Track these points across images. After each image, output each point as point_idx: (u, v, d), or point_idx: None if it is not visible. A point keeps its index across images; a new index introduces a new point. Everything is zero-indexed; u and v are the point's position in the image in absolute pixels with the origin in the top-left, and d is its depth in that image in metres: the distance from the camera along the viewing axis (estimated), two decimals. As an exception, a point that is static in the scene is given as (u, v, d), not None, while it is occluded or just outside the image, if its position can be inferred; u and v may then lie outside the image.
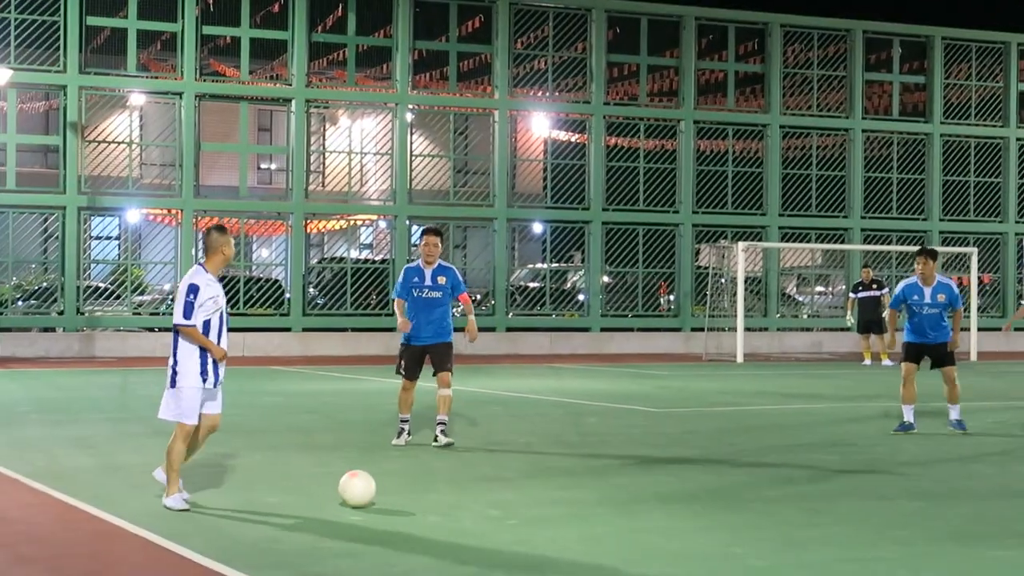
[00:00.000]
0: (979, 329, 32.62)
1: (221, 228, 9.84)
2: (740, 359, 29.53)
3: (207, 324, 9.61)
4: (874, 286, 29.28)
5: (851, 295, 29.34)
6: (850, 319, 29.37)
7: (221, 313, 9.69)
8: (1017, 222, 37.13)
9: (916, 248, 17.60)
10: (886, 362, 28.53)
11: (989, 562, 8.12)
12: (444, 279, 13.23)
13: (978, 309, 33.27)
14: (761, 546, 8.51)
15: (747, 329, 30.84)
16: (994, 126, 37.21)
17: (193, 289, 9.56)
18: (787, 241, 34.72)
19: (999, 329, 36.32)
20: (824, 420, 16.42)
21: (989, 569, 7.96)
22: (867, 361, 28.48)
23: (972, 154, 37.03)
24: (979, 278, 32.73)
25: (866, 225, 35.85)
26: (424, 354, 13.25)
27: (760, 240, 34.10)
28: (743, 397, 20.26)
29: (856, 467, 12.34)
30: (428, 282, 13.18)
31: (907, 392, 15.08)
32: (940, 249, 35.20)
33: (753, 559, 8.11)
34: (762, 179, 35.30)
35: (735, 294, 30.64)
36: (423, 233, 13.45)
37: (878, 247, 34.44)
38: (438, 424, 13.25)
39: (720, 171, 35.12)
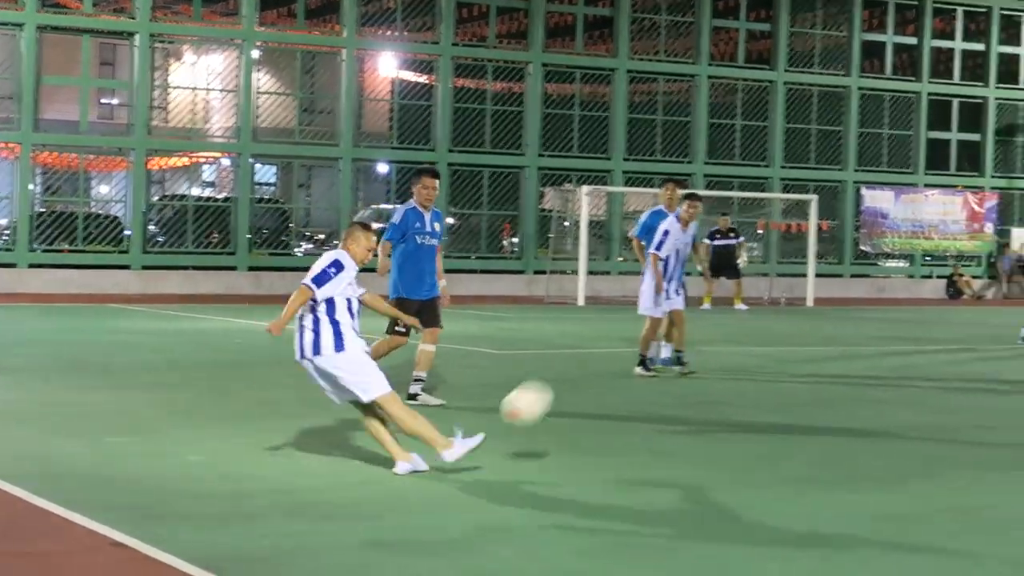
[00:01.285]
0: (817, 275, 33.46)
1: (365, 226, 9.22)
2: (581, 302, 29.87)
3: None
4: (731, 234, 29.87)
5: (706, 241, 29.59)
6: (702, 264, 29.50)
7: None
8: (856, 170, 38.05)
9: (759, 194, 17.94)
10: (739, 306, 29.22)
11: (838, 504, 8.35)
12: (439, 225, 12.24)
13: (816, 255, 34.10)
14: (605, 488, 8.69)
15: (590, 273, 31.17)
16: (837, 75, 37.99)
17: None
18: (632, 186, 35.12)
19: (839, 276, 37.36)
20: (695, 364, 16.56)
21: (838, 510, 8.18)
22: (706, 306, 28.90)
23: (815, 102, 37.81)
24: (818, 225, 33.48)
25: (709, 171, 36.40)
26: (419, 308, 11.95)
27: (605, 184, 34.45)
28: (583, 340, 20.55)
29: (698, 413, 12.65)
30: (428, 228, 12.09)
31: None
32: (781, 196, 36.06)
33: (605, 497, 8.29)
34: (608, 123, 35.62)
35: (578, 237, 30.96)
36: (421, 174, 12.20)
37: (719, 192, 35.03)
38: (419, 382, 12.23)
39: (567, 115, 35.35)
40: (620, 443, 10.58)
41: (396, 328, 11.94)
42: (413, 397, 12.10)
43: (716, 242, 29.38)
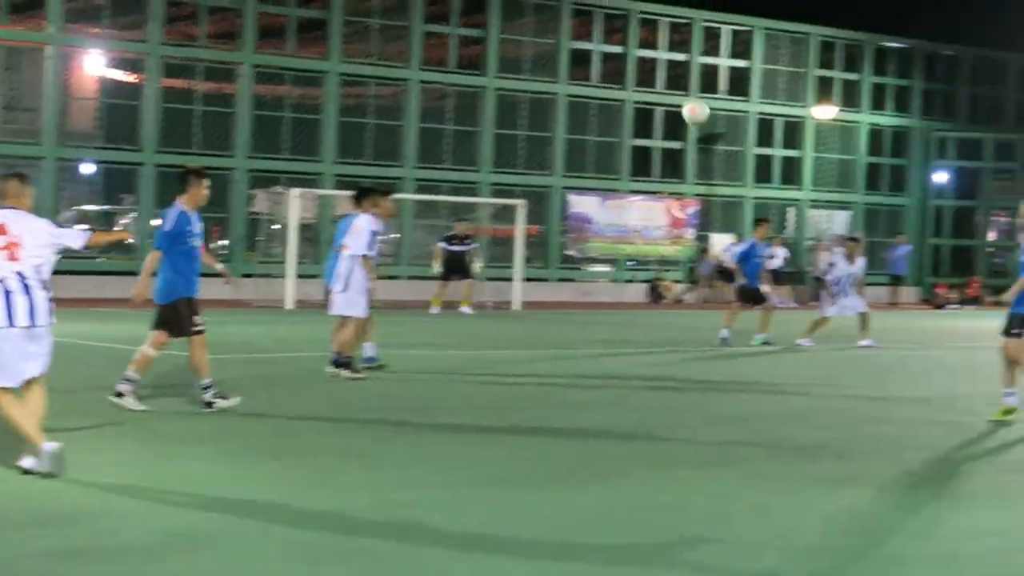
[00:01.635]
0: (525, 279, 34.12)
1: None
2: (290, 305, 29.68)
3: None
4: (467, 240, 30.29)
5: (441, 245, 29.99)
6: (436, 268, 29.90)
7: None
8: (564, 176, 38.93)
9: (469, 199, 18.27)
10: (465, 309, 29.59)
11: (531, 504, 8.51)
12: (201, 225, 12.35)
13: (524, 260, 34.77)
14: (305, 493, 8.69)
15: (299, 276, 30.99)
16: (546, 82, 38.83)
17: None
18: (343, 188, 35.00)
19: (546, 280, 38.11)
20: (400, 367, 16.65)
21: (531, 510, 8.35)
22: (435, 309, 29.29)
23: (524, 109, 38.54)
24: (526, 229, 34.15)
25: (420, 175, 36.69)
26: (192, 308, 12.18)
27: (315, 187, 34.30)
28: (289, 344, 20.44)
29: (403, 415, 12.76)
30: (197, 229, 12.19)
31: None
32: (490, 201, 36.63)
33: (297, 503, 8.28)
34: (319, 126, 35.49)
35: (287, 240, 30.75)
36: (200, 176, 12.27)
37: (429, 197, 35.34)
38: (210, 388, 12.29)
39: (278, 117, 35.06)
40: (322, 446, 10.58)
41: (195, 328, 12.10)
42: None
43: (452, 247, 29.83)
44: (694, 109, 18.21)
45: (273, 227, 33.10)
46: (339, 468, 9.62)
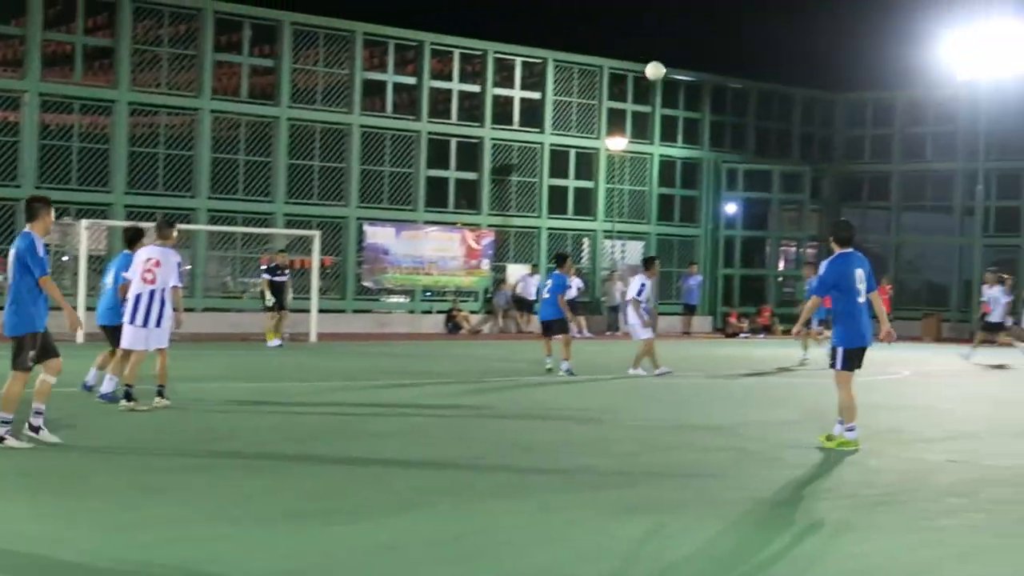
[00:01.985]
0: (320, 311, 33.94)
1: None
2: (81, 339, 28.95)
3: None
4: (286, 271, 30.38)
5: (266, 277, 30.21)
6: (269, 299, 29.99)
7: None
8: (359, 207, 38.86)
9: (264, 230, 18.29)
10: (275, 342, 29.68)
11: (317, 539, 8.47)
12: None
13: (320, 291, 34.59)
14: (95, 530, 8.53)
15: (90, 309, 30.23)
16: (339, 112, 38.74)
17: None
18: (133, 219, 34.37)
19: (342, 311, 37.95)
20: (197, 399, 16.27)
21: (324, 543, 8.32)
22: (275, 342, 29.67)
23: (317, 139, 38.39)
24: (321, 260, 33.95)
25: (213, 206, 36.22)
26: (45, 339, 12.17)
27: (106, 218, 33.59)
28: (78, 376, 19.92)
29: (196, 448, 12.59)
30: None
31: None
32: (285, 231, 36.35)
33: (84, 543, 8.12)
34: (108, 156, 34.77)
35: (77, 272, 30.03)
36: (49, 204, 12.23)
37: (223, 228, 34.90)
38: (40, 415, 12.34)
39: (65, 146, 34.25)
40: (118, 482, 10.38)
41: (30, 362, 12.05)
42: (36, 430, 12.25)
43: (276, 278, 29.91)
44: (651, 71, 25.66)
45: (63, 259, 32.28)
46: (133, 504, 9.44)
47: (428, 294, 40.48)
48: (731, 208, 47.23)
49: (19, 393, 12.12)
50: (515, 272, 41.57)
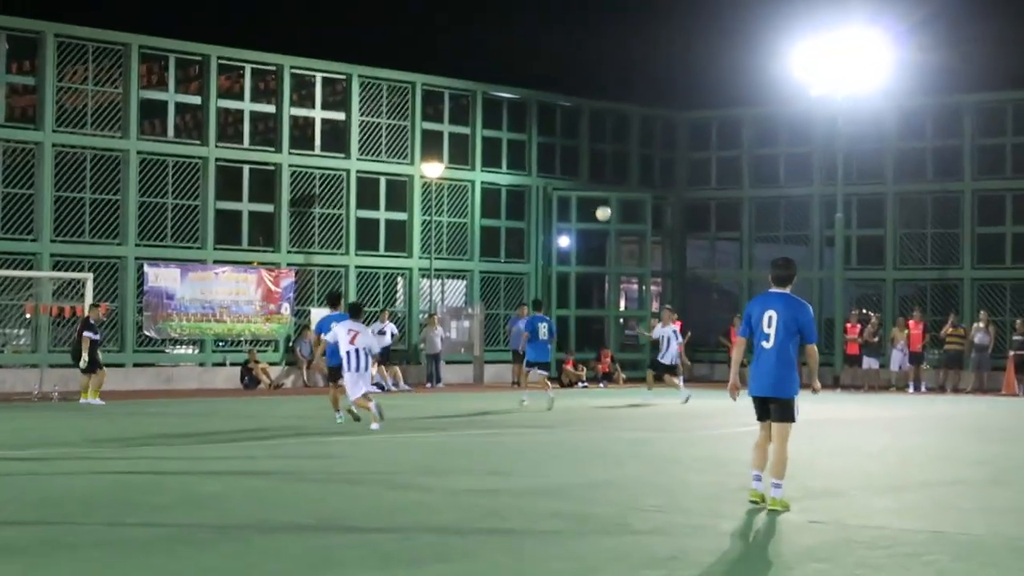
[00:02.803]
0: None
1: None
2: None
3: None
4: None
5: (88, 335, 31.08)
6: (85, 360, 30.90)
7: None
8: (138, 245, 38.18)
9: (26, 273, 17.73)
10: (94, 400, 30.37)
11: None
12: None
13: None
14: None
15: None
16: (112, 136, 38.03)
17: None
18: None
19: (121, 365, 37.13)
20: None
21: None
22: (96, 400, 30.55)
23: (88, 167, 37.62)
24: (96, 305, 33.05)
25: (-34, 247, 35.31)
26: None
27: None
28: None
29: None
30: None
31: None
32: (51, 275, 35.50)
33: None
34: None
35: None
36: None
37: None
38: None
39: None
40: None
41: None
42: None
43: (96, 335, 30.83)
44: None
45: None
46: None
47: (220, 344, 39.93)
48: (564, 241, 47.62)
49: None
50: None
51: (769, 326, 13.91)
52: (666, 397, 33.92)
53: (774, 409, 13.97)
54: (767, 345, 13.93)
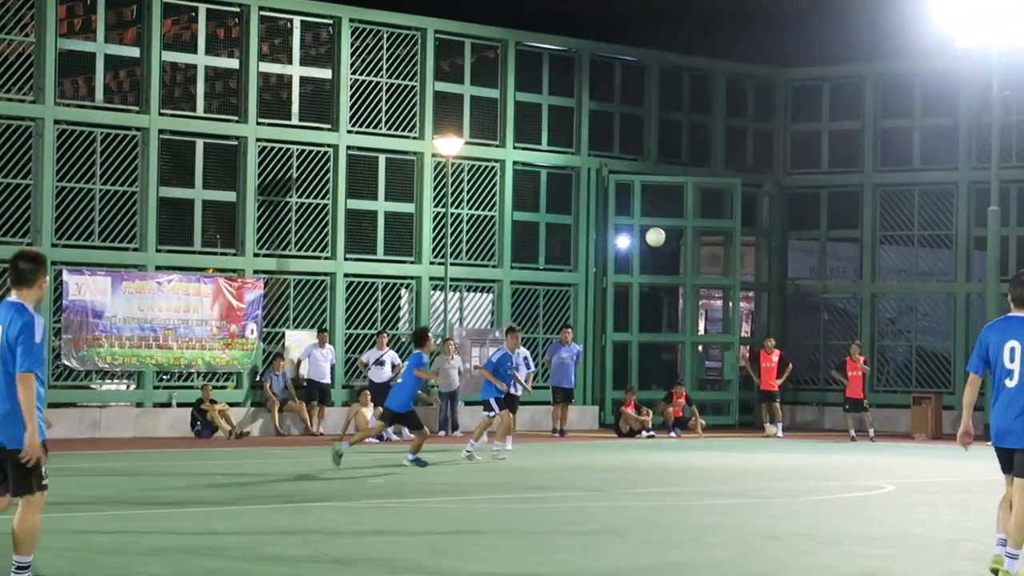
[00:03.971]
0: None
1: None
2: None
3: None
4: None
5: None
6: None
7: None
8: (54, 245, 38.13)
9: None
10: None
11: None
12: None
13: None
14: None
15: None
16: (20, 101, 38.03)
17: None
18: None
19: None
20: None
21: None
22: None
23: (-10, 142, 37.90)
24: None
25: None
26: None
27: None
28: None
29: None
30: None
31: None
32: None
33: None
34: None
35: None
36: (44, 265, 13.53)
37: None
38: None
39: None
40: None
41: None
42: None
43: None
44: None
45: None
46: None
47: (165, 378, 40.05)
48: (623, 242, 47.65)
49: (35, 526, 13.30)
50: (298, 342, 41.36)
51: (1012, 360, 14.53)
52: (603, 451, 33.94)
53: (1019, 462, 14.59)
54: (1010, 384, 14.52)
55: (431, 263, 43.87)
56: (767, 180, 50.80)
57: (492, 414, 32.99)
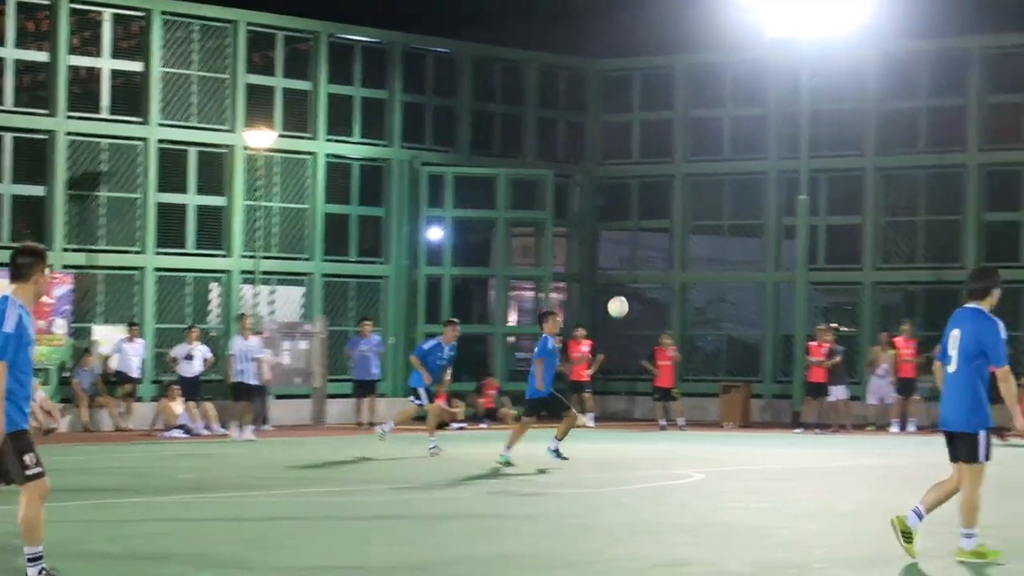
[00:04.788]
0: None
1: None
2: None
3: None
4: None
5: None
6: None
7: None
8: None
9: None
10: None
11: None
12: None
13: None
14: None
15: None
16: None
17: None
18: None
19: None
20: None
21: None
22: None
23: None
24: None
25: None
26: None
27: None
28: None
29: None
30: (32, 333, 13.69)
31: None
32: None
33: None
34: None
35: None
36: (44, 258, 13.78)
37: None
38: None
39: None
40: None
41: None
42: None
43: None
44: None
45: None
46: None
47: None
48: (435, 233, 47.64)
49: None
50: (106, 337, 40.95)
51: (953, 348, 15.37)
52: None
53: (959, 446, 15.36)
54: (951, 370, 15.39)
55: (242, 256, 43.63)
56: (579, 171, 51.04)
57: (419, 402, 32.53)
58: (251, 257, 43.37)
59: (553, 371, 30.10)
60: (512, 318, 51.61)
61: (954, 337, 15.24)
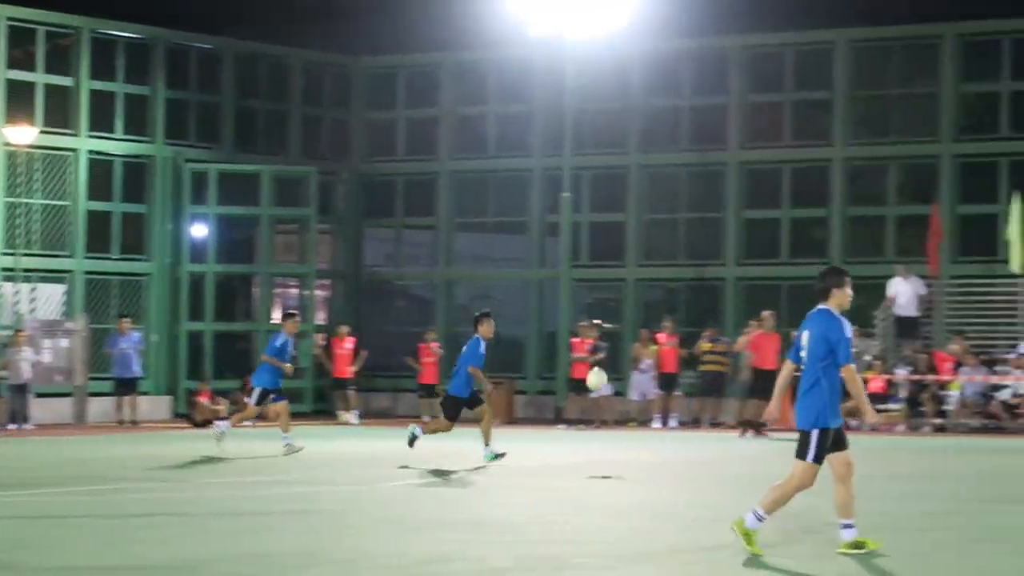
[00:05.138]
0: None
1: None
2: None
3: None
4: None
5: None
6: None
7: None
8: None
9: None
10: None
11: None
12: None
13: None
14: None
15: None
16: None
17: None
18: None
19: None
20: None
21: None
22: None
23: None
24: None
25: None
26: None
27: None
28: None
29: None
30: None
31: None
32: None
33: None
34: None
35: None
36: None
37: None
38: None
39: None
40: None
41: None
42: None
43: None
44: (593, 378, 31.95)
45: None
46: None
47: None
48: (199, 230, 47.34)
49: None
50: None
51: (803, 349, 15.88)
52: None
53: (798, 443, 15.89)
54: (803, 369, 15.87)
55: (3, 254, 43.05)
56: (343, 168, 51.03)
57: (280, 399, 32.13)
58: (11, 255, 42.84)
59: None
60: (276, 316, 51.38)
61: (804, 338, 15.75)
